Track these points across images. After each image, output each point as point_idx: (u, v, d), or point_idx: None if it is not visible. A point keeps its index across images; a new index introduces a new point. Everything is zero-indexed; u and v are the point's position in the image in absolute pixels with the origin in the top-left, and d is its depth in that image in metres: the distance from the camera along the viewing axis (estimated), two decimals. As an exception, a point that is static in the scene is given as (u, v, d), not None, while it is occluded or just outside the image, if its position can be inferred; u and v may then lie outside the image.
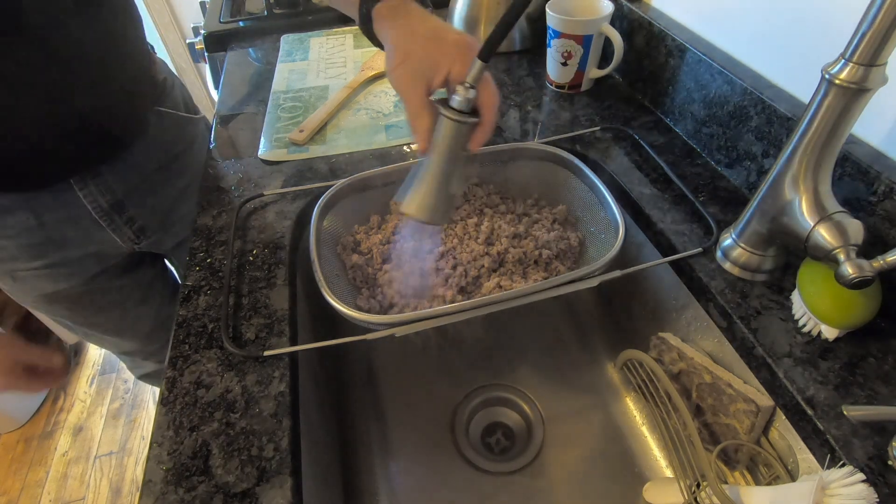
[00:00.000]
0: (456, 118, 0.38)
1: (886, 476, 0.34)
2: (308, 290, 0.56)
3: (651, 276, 0.58)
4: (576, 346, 0.71)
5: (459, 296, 0.50)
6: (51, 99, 0.51)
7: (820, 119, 0.36)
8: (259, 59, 0.88)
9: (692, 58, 0.60)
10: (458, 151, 0.40)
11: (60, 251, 0.62)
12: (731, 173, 0.58)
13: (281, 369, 0.43)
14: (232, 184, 0.62)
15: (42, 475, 1.32)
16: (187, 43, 1.01)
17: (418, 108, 0.40)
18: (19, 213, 0.57)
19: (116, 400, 1.47)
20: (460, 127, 0.39)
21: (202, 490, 0.37)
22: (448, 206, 0.42)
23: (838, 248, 0.36)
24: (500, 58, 0.85)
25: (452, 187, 0.42)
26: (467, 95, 0.37)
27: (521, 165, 0.59)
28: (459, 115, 0.38)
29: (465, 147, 0.40)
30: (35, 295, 0.66)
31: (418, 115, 0.40)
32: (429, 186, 0.40)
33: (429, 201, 0.41)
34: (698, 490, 0.44)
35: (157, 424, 0.40)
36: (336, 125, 0.71)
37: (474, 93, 0.38)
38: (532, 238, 0.54)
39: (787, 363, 0.41)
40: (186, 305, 0.48)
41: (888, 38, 0.31)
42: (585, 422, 0.63)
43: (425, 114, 0.40)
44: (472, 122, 0.39)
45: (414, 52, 0.41)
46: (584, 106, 0.72)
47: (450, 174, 0.41)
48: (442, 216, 0.42)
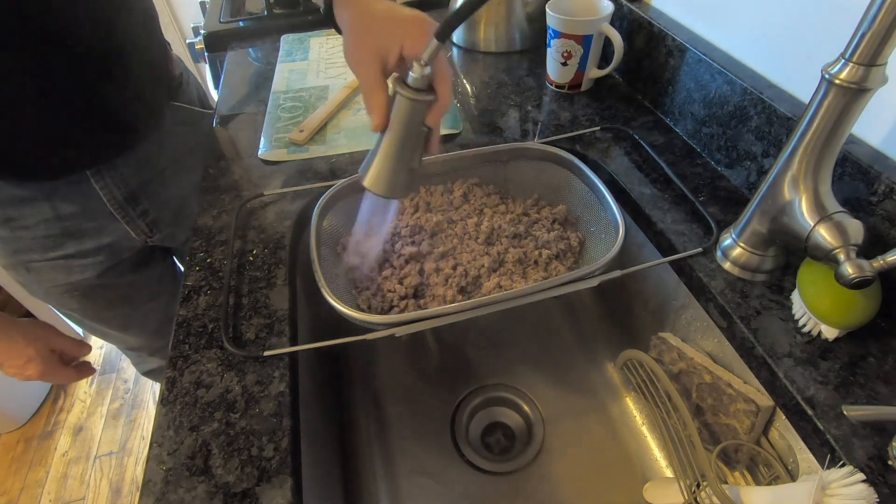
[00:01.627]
0: (412, 96, 0.39)
1: (886, 476, 0.34)
2: (308, 290, 0.56)
3: (651, 276, 0.58)
4: (576, 346, 0.71)
5: (459, 296, 0.50)
6: (69, 90, 0.52)
7: (820, 119, 0.36)
8: (259, 59, 0.88)
9: (692, 58, 0.60)
10: (416, 128, 0.41)
11: (76, 243, 0.63)
12: (731, 173, 0.58)
13: (281, 369, 0.43)
14: (232, 184, 0.62)
15: (42, 475, 1.32)
16: (187, 43, 1.01)
17: (372, 86, 0.41)
18: (37, 204, 0.58)
19: (116, 400, 1.47)
20: (416, 104, 0.39)
21: (202, 490, 0.37)
22: (408, 180, 0.43)
23: (838, 248, 0.36)
24: (500, 57, 0.85)
25: (412, 162, 0.43)
26: (423, 73, 0.38)
27: (521, 165, 0.59)
28: (415, 92, 0.39)
29: (423, 123, 0.41)
30: (48, 287, 0.66)
31: (372, 93, 0.41)
32: (388, 161, 0.42)
33: (387, 176, 0.42)
34: (698, 490, 0.44)
35: (157, 424, 0.40)
36: (336, 125, 0.71)
37: (430, 70, 0.39)
38: (532, 238, 0.54)
39: (787, 363, 0.41)
40: (186, 305, 0.48)
41: (888, 38, 0.31)
42: (585, 422, 0.63)
43: (379, 91, 0.41)
44: (428, 99, 0.40)
45: (368, 32, 0.42)
46: (584, 106, 0.72)
47: (409, 149, 0.42)
48: (401, 190, 0.43)
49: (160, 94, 0.65)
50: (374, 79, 0.41)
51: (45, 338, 0.62)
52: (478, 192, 0.59)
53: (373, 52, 0.41)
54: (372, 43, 0.42)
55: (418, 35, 0.40)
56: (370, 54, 0.42)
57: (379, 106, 0.41)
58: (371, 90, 0.41)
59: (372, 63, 0.42)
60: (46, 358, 0.61)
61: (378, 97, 0.41)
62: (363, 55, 0.42)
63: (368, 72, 0.42)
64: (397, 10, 0.42)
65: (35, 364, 0.60)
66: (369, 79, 0.42)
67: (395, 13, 0.42)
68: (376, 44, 0.41)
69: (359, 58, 0.42)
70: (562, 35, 0.68)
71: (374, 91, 0.41)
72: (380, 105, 0.41)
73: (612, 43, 0.67)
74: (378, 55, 0.41)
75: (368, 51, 0.42)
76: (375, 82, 0.41)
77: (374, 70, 0.41)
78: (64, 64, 0.50)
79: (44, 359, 0.60)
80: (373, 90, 0.41)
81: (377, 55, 0.41)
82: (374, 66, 0.41)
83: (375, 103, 0.41)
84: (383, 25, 0.42)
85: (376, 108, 0.41)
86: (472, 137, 0.67)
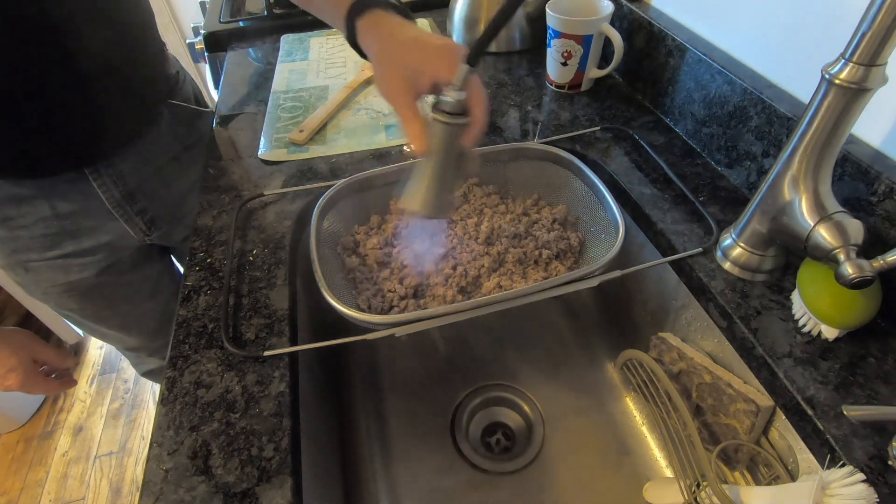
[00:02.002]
0: (448, 121, 0.40)
1: (886, 476, 0.34)
2: (308, 290, 0.56)
3: (651, 276, 0.58)
4: (576, 346, 0.71)
5: (459, 296, 0.50)
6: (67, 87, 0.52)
7: (820, 119, 0.36)
8: (259, 59, 0.88)
9: (692, 58, 0.60)
10: (453, 150, 0.42)
11: (74, 242, 0.63)
12: (731, 173, 0.58)
13: (281, 369, 0.43)
14: (232, 184, 0.62)
15: (42, 475, 1.32)
16: (187, 43, 1.01)
17: (408, 116, 0.42)
18: (35, 202, 0.58)
19: (116, 400, 1.47)
20: (453, 128, 0.40)
21: (202, 490, 0.37)
22: (448, 201, 0.44)
23: (838, 248, 0.36)
24: (499, 58, 0.85)
25: (451, 183, 0.44)
26: (458, 98, 0.39)
27: (521, 165, 0.59)
28: (451, 117, 0.40)
29: (459, 145, 0.42)
30: (46, 286, 0.66)
31: (410, 121, 0.42)
32: (428, 184, 0.42)
33: (429, 198, 0.43)
34: (698, 490, 0.44)
35: (157, 424, 0.40)
36: (336, 125, 0.71)
37: (464, 95, 0.39)
38: (532, 238, 0.54)
39: (788, 363, 0.41)
40: (186, 305, 0.48)
41: (888, 38, 0.31)
42: (585, 422, 0.63)
43: (415, 119, 0.42)
44: (464, 122, 0.40)
45: (398, 61, 0.43)
46: (584, 106, 0.72)
47: (447, 171, 0.43)
48: (442, 211, 0.44)
49: (157, 93, 0.65)
50: (409, 108, 0.42)
51: (29, 347, 0.61)
52: (478, 192, 0.59)
53: (404, 83, 0.42)
54: (403, 73, 0.42)
55: (448, 64, 0.40)
56: (401, 84, 0.42)
57: (418, 134, 0.41)
58: (408, 120, 0.42)
59: (404, 93, 0.42)
60: (28, 368, 0.60)
61: (416, 126, 0.41)
62: (394, 86, 0.43)
63: (402, 102, 0.42)
64: (424, 38, 0.43)
65: (16, 374, 0.59)
66: (404, 109, 0.42)
67: (424, 41, 0.42)
68: (407, 73, 0.42)
69: (391, 88, 0.43)
70: (562, 35, 0.68)
71: (412, 121, 0.42)
72: (418, 132, 0.41)
73: (612, 43, 0.67)
74: (409, 84, 0.42)
75: (399, 81, 0.42)
76: (411, 112, 0.42)
77: (408, 99, 0.42)
78: (61, 62, 0.50)
79: (25, 369, 0.60)
80: (410, 120, 0.42)
81: (408, 85, 0.42)
82: (408, 96, 0.42)
83: (414, 132, 0.42)
84: (411, 55, 0.42)
85: (415, 136, 0.42)
86: (472, 137, 0.67)
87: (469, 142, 0.41)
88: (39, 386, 0.62)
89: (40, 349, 0.62)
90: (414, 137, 0.42)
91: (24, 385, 0.60)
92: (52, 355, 0.64)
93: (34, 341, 0.62)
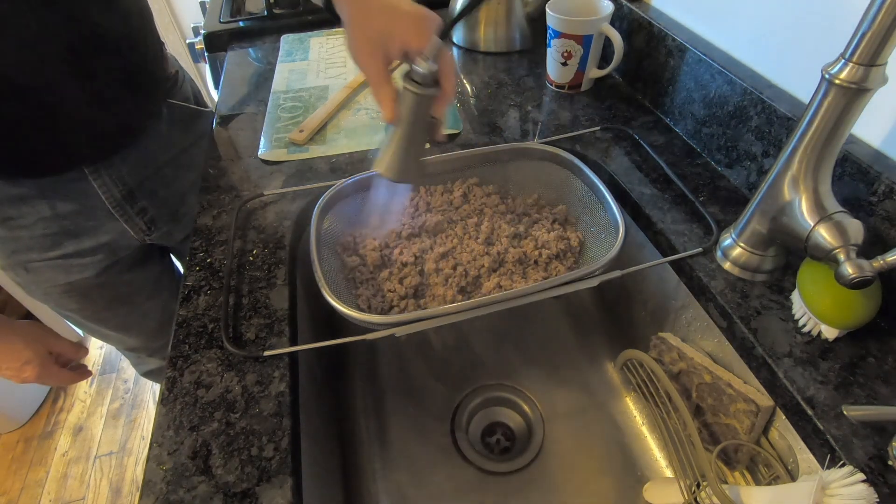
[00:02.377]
0: (417, 91, 0.40)
1: (886, 476, 0.34)
2: (308, 290, 0.56)
3: (651, 276, 0.58)
4: (576, 346, 0.71)
5: (459, 296, 0.50)
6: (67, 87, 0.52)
7: (820, 119, 0.36)
8: (259, 59, 0.88)
9: (692, 58, 0.60)
10: (421, 119, 0.43)
11: (74, 242, 0.63)
12: (731, 173, 0.58)
13: (281, 369, 0.43)
14: (232, 184, 0.62)
15: (42, 475, 1.32)
16: (187, 43, 1.01)
17: (378, 80, 0.42)
18: (35, 203, 0.58)
19: (116, 400, 1.47)
20: (422, 98, 0.41)
21: (202, 490, 0.37)
22: (414, 167, 0.46)
23: (838, 248, 0.36)
24: (499, 58, 0.85)
25: (417, 151, 0.45)
26: (430, 69, 0.40)
27: (521, 165, 0.59)
28: (421, 87, 0.40)
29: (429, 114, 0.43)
30: (47, 287, 0.66)
31: (379, 86, 0.42)
32: (395, 149, 0.44)
33: (398, 163, 0.44)
34: (698, 490, 0.44)
35: (157, 424, 0.40)
36: (336, 125, 0.71)
37: (436, 66, 0.40)
38: (532, 238, 0.54)
39: (787, 363, 0.41)
40: (186, 305, 0.48)
41: (888, 38, 0.31)
42: (585, 422, 0.63)
43: (385, 84, 0.42)
44: (433, 93, 0.41)
45: (369, 25, 0.42)
46: (584, 106, 0.72)
47: (414, 139, 0.44)
48: (408, 176, 0.45)
49: (157, 92, 0.66)
50: (379, 73, 0.42)
51: (43, 340, 0.62)
52: (478, 192, 0.59)
53: (374, 47, 0.42)
54: (372, 37, 0.42)
55: (419, 31, 0.40)
56: (373, 48, 0.42)
57: (387, 99, 0.42)
58: (377, 84, 0.42)
59: (374, 57, 0.42)
60: (44, 360, 0.61)
61: (385, 90, 0.42)
62: (364, 49, 0.43)
63: (371, 66, 0.42)
64: (398, 4, 0.42)
65: (32, 366, 0.60)
66: (374, 73, 0.42)
67: (396, 8, 0.42)
68: (376, 38, 0.42)
69: (362, 52, 0.43)
70: (562, 35, 0.68)
71: (381, 85, 0.42)
72: (388, 98, 0.42)
73: (612, 43, 0.67)
74: (379, 49, 0.42)
75: (369, 45, 0.42)
76: (381, 76, 0.42)
77: (377, 64, 0.42)
78: (61, 62, 0.50)
79: (41, 361, 0.60)
80: (379, 84, 0.42)
81: (378, 49, 0.42)
82: (377, 60, 0.42)
83: (383, 96, 0.42)
84: (382, 19, 0.42)
85: (385, 101, 0.42)
86: (472, 137, 0.67)
87: (437, 114, 0.42)
88: (55, 377, 0.63)
89: (54, 341, 0.63)
90: (383, 102, 0.42)
91: (40, 377, 0.61)
92: (67, 347, 0.64)
93: (48, 333, 0.63)
